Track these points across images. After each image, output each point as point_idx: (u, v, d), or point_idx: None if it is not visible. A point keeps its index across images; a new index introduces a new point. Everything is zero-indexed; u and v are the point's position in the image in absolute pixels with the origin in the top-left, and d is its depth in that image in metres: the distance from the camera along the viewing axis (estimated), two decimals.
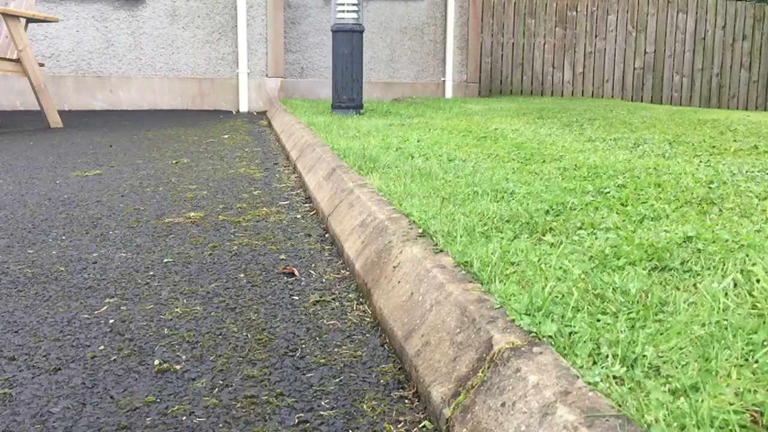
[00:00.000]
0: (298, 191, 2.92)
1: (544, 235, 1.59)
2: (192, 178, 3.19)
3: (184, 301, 1.58)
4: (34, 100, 6.49)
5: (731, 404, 0.80)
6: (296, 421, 1.06)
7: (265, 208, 2.57)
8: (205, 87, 7.15)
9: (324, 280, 1.75)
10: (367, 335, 1.40)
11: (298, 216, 2.46)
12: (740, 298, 1.15)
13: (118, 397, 1.13)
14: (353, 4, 5.02)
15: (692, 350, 0.95)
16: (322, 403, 1.12)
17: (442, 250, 1.47)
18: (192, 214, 2.45)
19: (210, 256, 1.93)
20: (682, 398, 0.82)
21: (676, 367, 0.90)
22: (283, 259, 1.93)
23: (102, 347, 1.32)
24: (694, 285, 1.23)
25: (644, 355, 0.93)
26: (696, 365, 0.90)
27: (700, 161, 2.73)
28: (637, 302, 1.14)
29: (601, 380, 0.87)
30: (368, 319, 1.48)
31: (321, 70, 7.87)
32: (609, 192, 2.06)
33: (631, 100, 9.08)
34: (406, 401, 1.13)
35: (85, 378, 1.20)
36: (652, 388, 0.84)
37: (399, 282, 1.43)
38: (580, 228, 1.65)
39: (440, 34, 8.19)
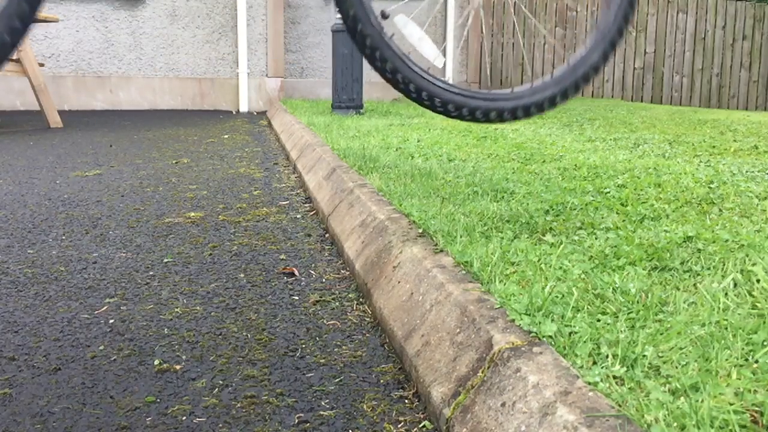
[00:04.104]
0: (298, 191, 2.92)
1: (544, 235, 1.59)
2: (192, 178, 3.19)
3: (184, 301, 1.58)
4: (34, 100, 6.48)
5: (731, 404, 0.79)
6: (296, 421, 1.06)
7: (265, 208, 2.57)
8: (205, 87, 7.15)
9: (324, 280, 1.75)
10: (367, 335, 1.40)
11: (298, 216, 2.46)
12: (740, 298, 1.15)
13: (118, 397, 1.13)
14: None
15: (692, 350, 0.95)
16: (322, 403, 1.12)
17: (442, 250, 1.47)
18: (192, 214, 2.45)
19: (210, 256, 1.93)
20: (682, 398, 0.82)
21: (676, 367, 0.90)
22: (283, 259, 1.92)
23: (102, 347, 1.32)
24: (694, 285, 1.23)
25: (644, 355, 0.93)
26: (696, 365, 0.90)
27: (700, 161, 2.73)
28: (637, 302, 1.14)
29: (601, 380, 0.87)
30: (368, 319, 1.48)
31: (321, 70, 7.87)
32: (609, 192, 2.05)
33: (631, 100, 9.08)
34: (406, 401, 1.13)
35: (85, 378, 1.20)
36: (652, 388, 0.84)
37: (399, 282, 1.43)
38: (580, 228, 1.65)
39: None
